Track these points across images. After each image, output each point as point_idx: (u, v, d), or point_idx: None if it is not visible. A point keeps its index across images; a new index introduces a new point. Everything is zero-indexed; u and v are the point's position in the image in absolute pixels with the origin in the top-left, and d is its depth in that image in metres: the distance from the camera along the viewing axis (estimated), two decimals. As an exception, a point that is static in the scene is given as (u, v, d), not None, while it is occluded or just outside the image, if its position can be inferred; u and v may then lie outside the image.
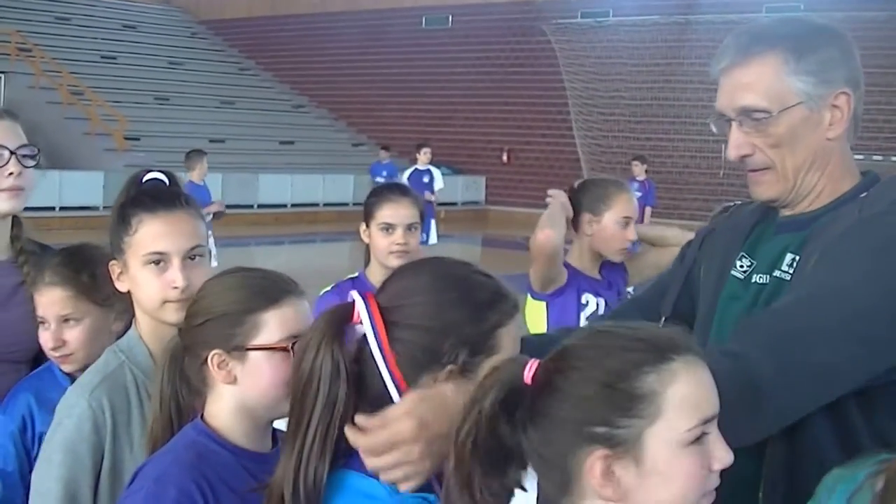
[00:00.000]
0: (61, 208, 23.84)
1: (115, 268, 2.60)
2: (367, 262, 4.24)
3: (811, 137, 2.19)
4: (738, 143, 2.21)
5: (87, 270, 2.83)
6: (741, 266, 2.34)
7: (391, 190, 4.22)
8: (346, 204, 27.87)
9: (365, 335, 1.79)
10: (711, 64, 2.25)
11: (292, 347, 2.08)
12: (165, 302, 2.51)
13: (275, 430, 2.24)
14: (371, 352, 1.77)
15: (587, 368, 1.60)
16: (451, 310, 1.78)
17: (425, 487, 1.76)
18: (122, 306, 2.70)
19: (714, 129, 2.27)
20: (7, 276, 3.09)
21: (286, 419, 1.89)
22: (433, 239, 17.74)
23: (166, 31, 39.46)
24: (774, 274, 2.23)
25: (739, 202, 2.59)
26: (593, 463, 1.58)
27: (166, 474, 2.05)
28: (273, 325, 2.13)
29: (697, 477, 1.59)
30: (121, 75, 33.35)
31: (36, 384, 2.83)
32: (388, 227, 4.06)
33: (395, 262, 3.90)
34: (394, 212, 4.08)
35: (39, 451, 2.60)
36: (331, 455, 1.79)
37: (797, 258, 2.19)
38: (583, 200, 4.38)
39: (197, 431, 2.15)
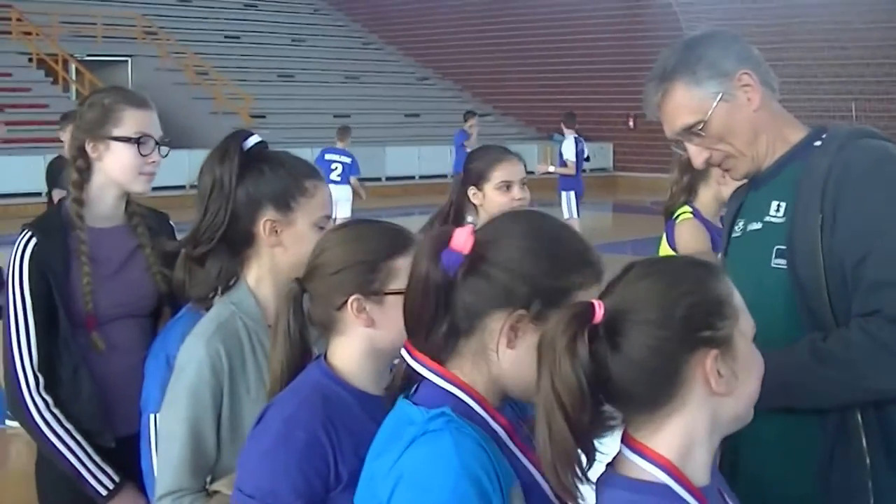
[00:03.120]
0: (191, 186, 24.00)
1: (267, 223, 2.70)
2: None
3: (741, 117, 2.69)
4: (695, 153, 2.74)
5: None
6: (738, 228, 2.82)
7: (499, 150, 4.40)
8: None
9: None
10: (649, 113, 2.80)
11: None
12: None
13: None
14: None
15: (667, 293, 1.77)
16: (534, 260, 1.88)
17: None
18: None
19: (682, 152, 2.82)
20: (126, 241, 3.44)
21: None
22: (574, 213, 16.76)
23: (288, 7, 39.64)
24: (765, 220, 2.70)
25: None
26: (710, 363, 1.76)
27: (295, 416, 2.17)
28: (406, 271, 2.15)
29: (762, 365, 1.85)
30: (244, 54, 33.80)
31: (186, 323, 2.87)
32: (507, 185, 4.25)
33: None
34: (508, 170, 4.27)
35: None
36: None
37: (783, 204, 2.65)
38: None
39: (321, 372, 2.26)
